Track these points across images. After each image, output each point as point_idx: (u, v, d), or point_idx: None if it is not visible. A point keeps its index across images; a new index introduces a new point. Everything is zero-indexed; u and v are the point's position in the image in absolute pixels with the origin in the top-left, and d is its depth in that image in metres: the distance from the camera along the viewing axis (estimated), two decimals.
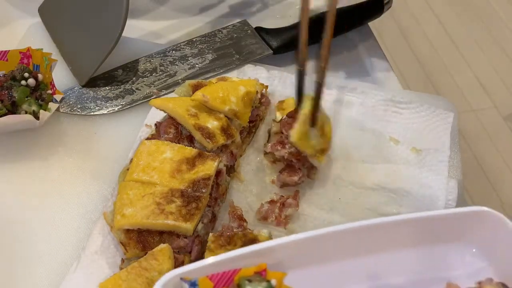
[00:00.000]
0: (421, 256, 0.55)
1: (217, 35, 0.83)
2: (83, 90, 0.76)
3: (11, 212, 0.64)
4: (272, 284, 0.46)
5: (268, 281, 0.47)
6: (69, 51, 0.78)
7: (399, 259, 0.55)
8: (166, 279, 0.46)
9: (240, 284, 0.46)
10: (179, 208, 0.57)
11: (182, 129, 0.65)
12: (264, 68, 0.79)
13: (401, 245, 0.55)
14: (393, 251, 0.55)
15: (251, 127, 0.71)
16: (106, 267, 0.59)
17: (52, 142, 0.71)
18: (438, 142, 0.73)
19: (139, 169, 0.61)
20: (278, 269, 0.48)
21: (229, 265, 0.48)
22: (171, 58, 0.80)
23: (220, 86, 0.68)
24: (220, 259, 0.48)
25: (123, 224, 0.57)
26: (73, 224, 0.64)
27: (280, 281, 0.47)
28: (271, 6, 0.91)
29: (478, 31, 2.10)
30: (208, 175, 0.60)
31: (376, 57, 0.86)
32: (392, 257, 0.55)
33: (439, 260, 0.56)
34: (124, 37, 0.74)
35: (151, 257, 0.55)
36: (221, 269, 0.47)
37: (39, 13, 0.83)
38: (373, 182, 0.68)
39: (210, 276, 0.46)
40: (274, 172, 0.69)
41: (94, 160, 0.69)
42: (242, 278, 0.47)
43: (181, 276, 0.47)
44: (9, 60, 0.71)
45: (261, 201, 0.65)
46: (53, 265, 0.60)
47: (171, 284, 0.47)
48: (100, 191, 0.66)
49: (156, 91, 0.76)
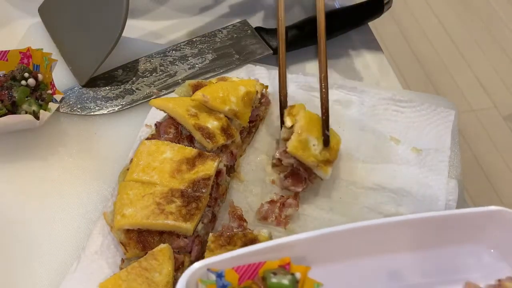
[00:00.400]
0: (438, 257, 0.55)
1: (217, 35, 0.83)
2: (83, 90, 0.76)
3: (11, 212, 0.64)
4: (296, 277, 0.47)
5: (292, 274, 0.47)
6: (69, 51, 0.78)
7: (416, 259, 0.55)
8: (194, 268, 0.47)
9: (265, 277, 0.47)
10: (179, 208, 0.57)
11: (182, 129, 0.65)
12: (264, 68, 0.79)
13: (418, 245, 0.55)
14: (411, 250, 0.55)
15: (251, 127, 0.71)
16: (106, 267, 0.59)
17: (52, 142, 0.71)
18: (438, 141, 0.73)
19: (139, 169, 0.61)
20: (301, 264, 0.49)
21: (254, 258, 0.48)
22: (171, 58, 0.80)
23: (220, 86, 0.68)
24: (246, 252, 0.49)
25: (123, 224, 0.57)
26: (73, 224, 0.64)
27: (305, 274, 0.48)
28: (271, 6, 0.91)
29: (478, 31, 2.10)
30: (208, 175, 0.60)
31: (376, 57, 0.86)
32: (410, 257, 0.55)
33: (456, 261, 0.55)
34: (124, 37, 0.74)
35: (151, 257, 0.55)
36: (246, 262, 0.48)
37: (39, 13, 0.83)
38: (373, 182, 0.68)
39: (236, 268, 0.47)
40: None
41: (94, 160, 0.69)
42: (266, 271, 0.47)
43: (208, 267, 0.48)
44: (9, 60, 0.71)
45: (261, 201, 0.65)
46: (53, 265, 0.60)
47: (198, 274, 0.47)
48: (100, 191, 0.66)
49: (156, 91, 0.76)
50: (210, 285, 0.47)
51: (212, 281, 0.47)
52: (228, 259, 0.48)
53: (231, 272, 0.47)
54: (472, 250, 0.56)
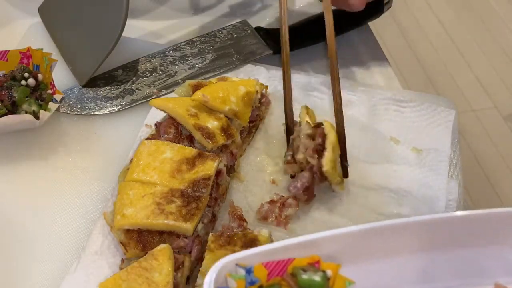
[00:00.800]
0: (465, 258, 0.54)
1: (217, 35, 0.83)
2: (83, 90, 0.76)
3: (11, 212, 0.64)
4: (327, 274, 0.46)
5: (323, 271, 0.46)
6: (69, 51, 0.78)
7: (445, 260, 0.53)
8: (222, 263, 0.46)
9: (294, 274, 0.46)
10: (179, 208, 0.57)
11: (182, 129, 0.65)
12: (264, 68, 0.79)
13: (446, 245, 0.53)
14: (439, 250, 0.53)
15: (251, 127, 0.71)
16: (106, 267, 0.59)
17: (52, 142, 0.71)
18: (438, 141, 0.73)
19: (139, 169, 0.61)
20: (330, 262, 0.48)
21: (283, 254, 0.47)
22: (171, 58, 0.80)
23: (220, 86, 0.68)
24: (275, 247, 0.48)
25: (123, 224, 0.57)
26: (73, 224, 0.64)
27: (336, 272, 0.47)
28: (271, 6, 0.91)
29: (478, 31, 2.10)
30: (208, 175, 0.60)
31: (376, 57, 0.86)
32: (439, 258, 0.53)
33: (483, 263, 0.54)
34: (124, 37, 0.74)
35: (151, 257, 0.55)
36: (275, 258, 0.47)
37: (39, 13, 0.83)
38: (373, 182, 0.68)
39: (265, 264, 0.46)
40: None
41: (94, 160, 0.69)
42: (296, 267, 0.47)
43: (236, 262, 0.47)
44: (9, 60, 0.71)
45: (261, 201, 0.65)
46: (53, 265, 0.60)
47: (226, 269, 0.46)
48: (100, 191, 0.66)
49: (156, 91, 0.76)
50: (239, 280, 0.46)
51: (241, 276, 0.46)
52: (256, 254, 0.47)
53: (260, 268, 0.46)
54: (498, 252, 0.55)
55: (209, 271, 0.45)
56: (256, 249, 0.48)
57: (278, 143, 0.71)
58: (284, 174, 0.68)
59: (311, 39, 0.83)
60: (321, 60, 0.82)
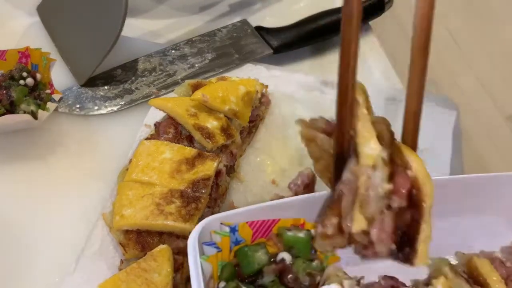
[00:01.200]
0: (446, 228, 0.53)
1: (217, 35, 0.83)
2: (82, 89, 0.75)
3: (10, 213, 0.64)
4: (312, 233, 0.46)
5: (308, 230, 0.46)
6: (68, 50, 0.78)
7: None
8: (206, 222, 0.46)
9: (280, 233, 0.46)
10: (179, 209, 0.57)
11: (181, 129, 0.64)
12: (264, 68, 0.79)
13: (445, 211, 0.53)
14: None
15: (251, 127, 0.71)
16: (105, 268, 0.58)
17: (51, 142, 0.70)
18: (439, 141, 0.72)
19: (138, 170, 0.61)
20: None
21: (268, 214, 0.47)
22: (171, 58, 0.80)
23: (220, 86, 0.67)
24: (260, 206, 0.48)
25: (122, 225, 0.57)
26: (72, 224, 0.63)
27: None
28: (271, 5, 0.91)
29: (478, 31, 2.10)
30: (208, 176, 0.59)
31: (376, 57, 0.86)
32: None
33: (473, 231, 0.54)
34: (123, 37, 0.73)
35: (150, 258, 0.54)
36: (260, 218, 0.47)
37: (37, 12, 0.82)
38: None
39: (250, 223, 0.46)
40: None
41: (93, 160, 0.69)
42: (281, 227, 0.47)
43: (221, 221, 0.47)
44: (7, 60, 0.71)
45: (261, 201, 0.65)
46: (52, 266, 0.60)
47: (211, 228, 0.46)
48: (99, 192, 0.66)
49: (155, 90, 0.76)
50: (224, 236, 0.46)
51: (226, 233, 0.46)
52: (241, 213, 0.47)
53: (245, 227, 0.46)
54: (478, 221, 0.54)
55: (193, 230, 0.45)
56: (240, 209, 0.48)
57: (278, 143, 0.71)
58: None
59: (310, 39, 0.83)
60: (321, 60, 0.83)
